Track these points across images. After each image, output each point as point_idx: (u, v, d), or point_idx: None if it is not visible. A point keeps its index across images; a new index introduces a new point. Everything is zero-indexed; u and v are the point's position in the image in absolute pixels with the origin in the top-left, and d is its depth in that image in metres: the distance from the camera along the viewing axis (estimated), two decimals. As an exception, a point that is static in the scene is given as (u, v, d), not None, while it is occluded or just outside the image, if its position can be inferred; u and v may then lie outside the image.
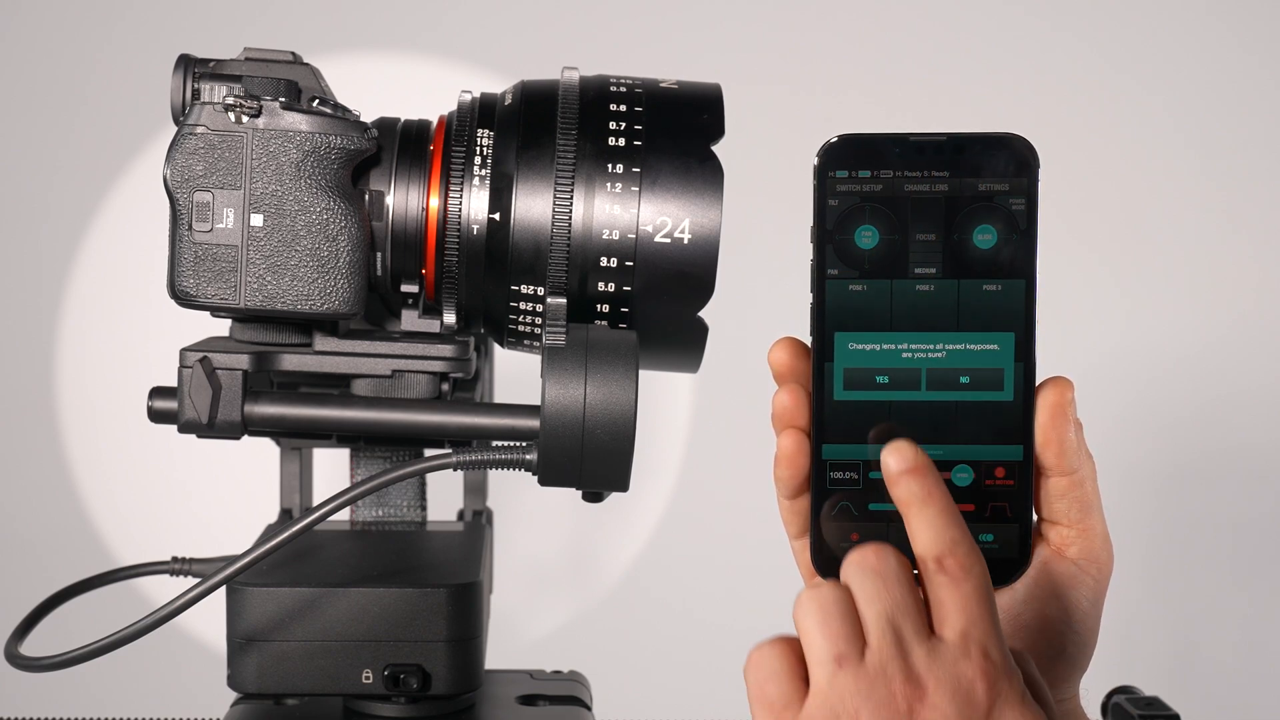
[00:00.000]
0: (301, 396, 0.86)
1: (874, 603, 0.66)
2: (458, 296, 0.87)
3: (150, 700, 1.53)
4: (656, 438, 1.75)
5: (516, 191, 0.86)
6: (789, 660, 0.68)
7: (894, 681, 0.66)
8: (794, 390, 0.73)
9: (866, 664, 0.66)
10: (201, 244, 0.83)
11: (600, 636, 1.74)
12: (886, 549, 0.67)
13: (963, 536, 0.67)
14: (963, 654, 0.66)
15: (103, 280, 1.74)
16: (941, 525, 0.67)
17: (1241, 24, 1.77)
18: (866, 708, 0.65)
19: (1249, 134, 1.77)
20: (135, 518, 1.74)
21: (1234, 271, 1.78)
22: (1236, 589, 1.79)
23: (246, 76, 0.84)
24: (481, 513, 1.06)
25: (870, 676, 0.66)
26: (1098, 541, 0.75)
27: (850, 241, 0.73)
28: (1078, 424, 0.74)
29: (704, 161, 0.85)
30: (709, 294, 0.86)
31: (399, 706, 0.91)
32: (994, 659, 0.66)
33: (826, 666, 0.66)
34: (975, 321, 0.74)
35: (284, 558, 0.90)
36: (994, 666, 0.66)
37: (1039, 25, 1.78)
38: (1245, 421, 1.77)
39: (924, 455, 0.68)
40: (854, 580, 0.67)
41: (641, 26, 1.78)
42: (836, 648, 0.66)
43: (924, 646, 0.66)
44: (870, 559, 0.67)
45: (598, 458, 0.81)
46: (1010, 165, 0.73)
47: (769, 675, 0.67)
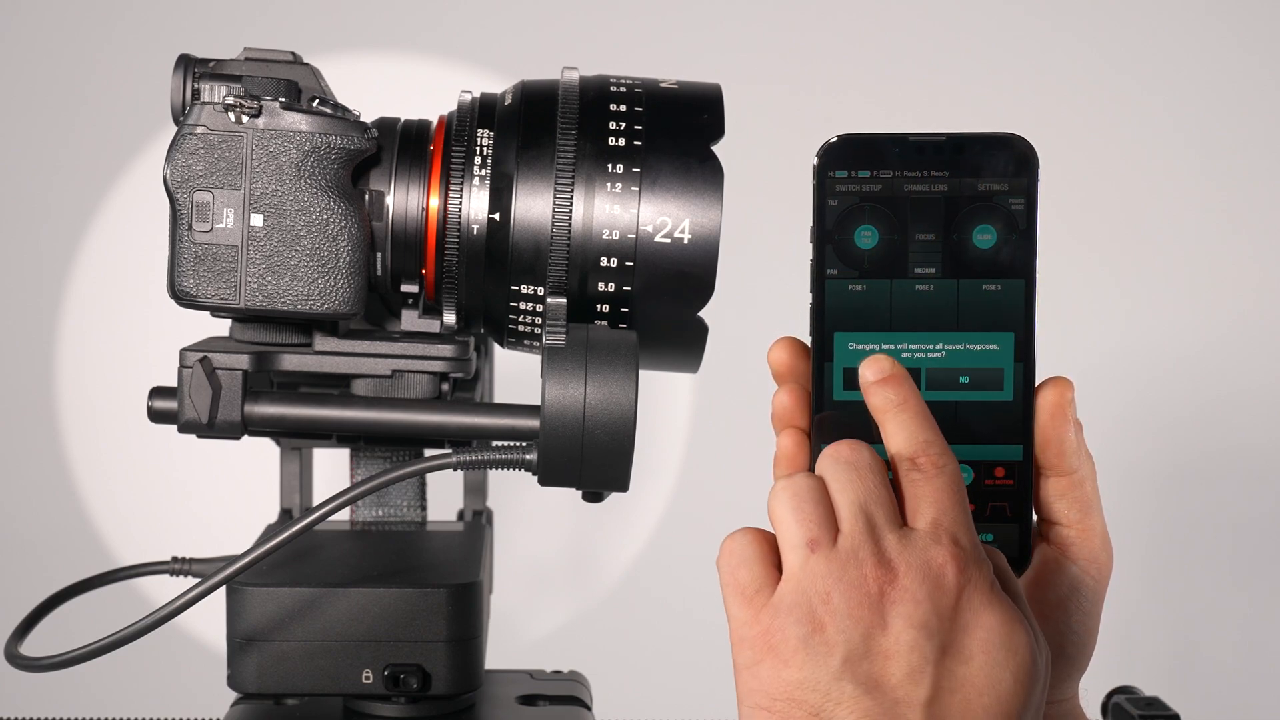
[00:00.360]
0: (301, 396, 0.86)
1: (847, 490, 0.68)
2: (458, 296, 0.87)
3: (150, 700, 1.53)
4: (656, 438, 1.75)
5: (516, 191, 0.86)
6: (762, 547, 0.69)
7: (865, 565, 0.67)
8: (794, 390, 0.74)
9: (839, 548, 0.67)
10: (201, 244, 0.83)
11: (600, 636, 1.74)
12: (861, 444, 0.69)
13: (935, 438, 0.69)
14: (933, 540, 0.67)
15: (103, 280, 1.74)
16: (915, 428, 0.69)
17: (1241, 24, 1.77)
18: (838, 590, 0.66)
19: (1249, 134, 1.77)
20: (135, 518, 1.74)
21: (1234, 271, 1.78)
22: (1236, 589, 1.79)
23: (246, 76, 0.83)
24: (481, 513, 1.06)
25: (842, 560, 0.67)
26: (1097, 541, 0.75)
27: (850, 241, 0.73)
28: (1078, 424, 0.74)
29: (704, 161, 0.85)
30: (709, 294, 0.86)
31: (399, 706, 0.91)
32: (964, 546, 0.67)
33: (799, 551, 0.67)
34: (975, 321, 0.74)
35: (284, 558, 0.90)
36: (964, 553, 0.67)
37: (1039, 25, 1.78)
38: (1245, 421, 1.77)
39: (899, 366, 0.71)
40: (828, 470, 0.69)
41: (641, 26, 1.78)
42: (809, 532, 0.67)
43: (896, 533, 0.68)
44: (845, 451, 0.69)
45: (598, 458, 0.81)
46: (1010, 165, 0.73)
47: (741, 561, 0.69)
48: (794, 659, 0.66)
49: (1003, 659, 0.66)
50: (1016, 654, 0.67)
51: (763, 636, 0.67)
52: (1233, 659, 1.79)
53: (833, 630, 0.66)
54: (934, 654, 0.66)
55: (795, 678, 0.66)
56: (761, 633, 0.67)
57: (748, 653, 0.68)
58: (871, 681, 0.66)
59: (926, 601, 0.66)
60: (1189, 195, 1.78)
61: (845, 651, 0.66)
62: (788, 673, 0.66)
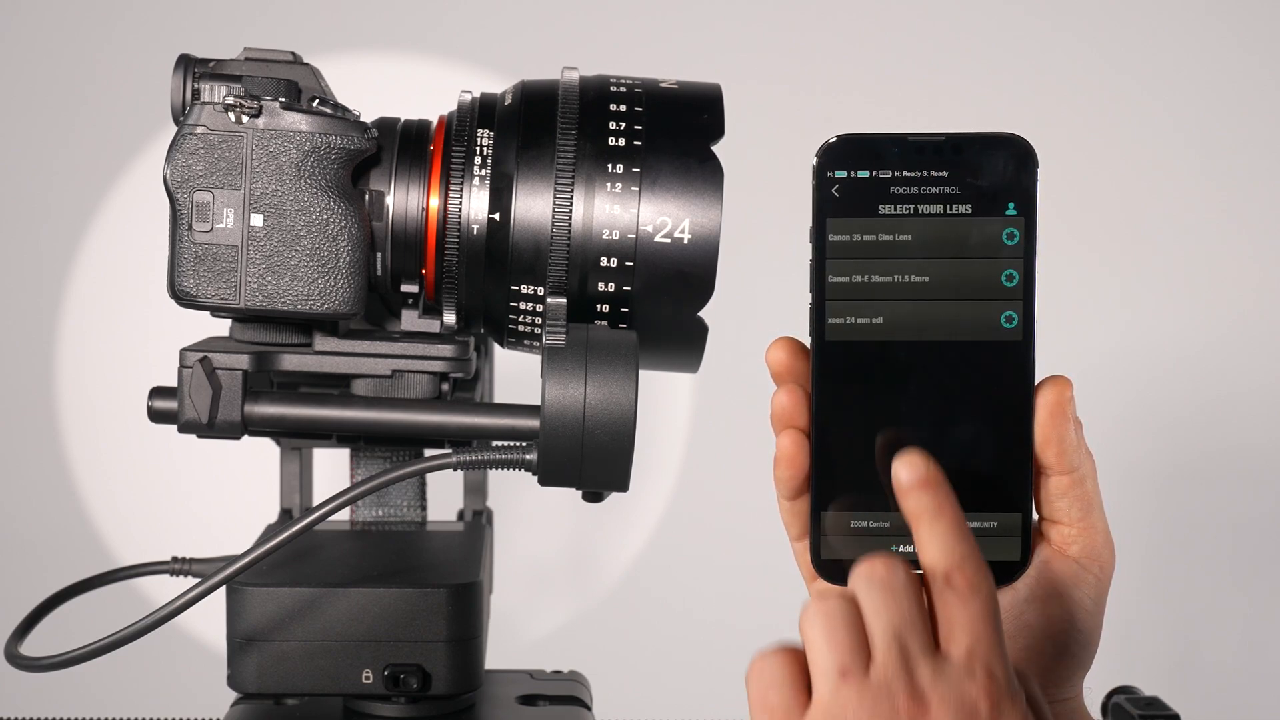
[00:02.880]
0: (301, 396, 0.86)
1: (881, 616, 0.66)
2: (458, 296, 0.87)
3: (150, 700, 1.53)
4: (656, 438, 1.75)
5: (516, 191, 0.86)
6: (792, 669, 0.67)
7: (898, 697, 0.65)
8: (793, 390, 0.73)
9: (871, 678, 0.65)
10: (201, 244, 0.83)
11: (600, 636, 1.74)
12: (896, 561, 0.67)
13: (971, 552, 0.67)
14: (968, 673, 0.65)
15: (103, 280, 1.74)
16: (952, 541, 0.67)
17: (1241, 24, 1.77)
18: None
19: (1249, 134, 1.77)
20: (135, 518, 1.74)
21: (1234, 271, 1.78)
22: (1236, 589, 1.79)
23: (246, 76, 0.84)
24: (481, 513, 1.06)
25: (874, 690, 0.65)
26: (1099, 540, 0.75)
27: (850, 242, 0.73)
28: (1077, 423, 0.74)
29: (704, 161, 0.85)
30: (709, 294, 0.86)
31: (399, 706, 0.91)
32: (998, 679, 0.66)
33: (830, 678, 0.66)
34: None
35: (284, 558, 0.90)
36: (998, 687, 0.66)
37: (1039, 25, 1.78)
38: (1245, 421, 1.77)
39: (936, 467, 0.68)
40: (862, 592, 0.67)
41: (641, 26, 1.78)
42: (841, 659, 0.65)
43: (929, 663, 0.66)
44: (880, 571, 0.66)
45: (598, 458, 0.81)
46: (1010, 165, 0.73)
47: (771, 683, 0.67)
48: None
49: None
50: None
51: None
52: (1233, 659, 1.79)
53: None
54: None
55: None
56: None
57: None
58: None
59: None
60: (1189, 195, 1.78)
61: None
62: None
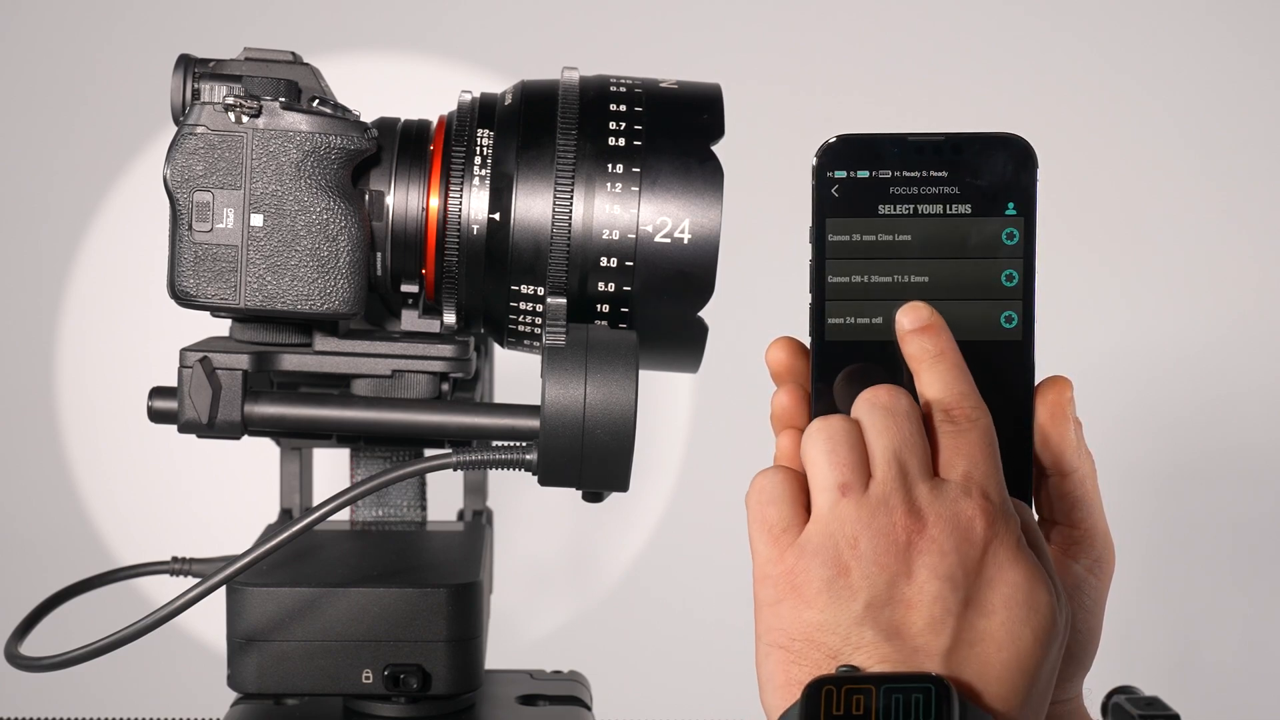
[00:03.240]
0: (301, 396, 0.86)
1: (883, 437, 0.68)
2: (458, 296, 0.87)
3: (150, 700, 1.53)
4: (656, 438, 1.75)
5: (516, 191, 0.86)
6: (791, 486, 0.69)
7: (895, 512, 0.67)
8: (793, 390, 0.74)
9: (870, 494, 0.67)
10: (201, 244, 0.83)
11: (600, 636, 1.74)
12: (899, 390, 0.69)
13: (970, 390, 0.70)
14: (964, 493, 0.68)
15: (103, 280, 1.74)
16: (951, 378, 0.70)
17: (1241, 24, 1.77)
18: (866, 535, 0.67)
19: (1249, 134, 1.77)
20: (135, 518, 1.74)
21: (1234, 271, 1.78)
22: (1236, 589, 1.79)
23: (246, 76, 0.83)
24: (481, 513, 1.06)
25: (872, 506, 0.67)
26: (1099, 539, 0.75)
27: (850, 242, 0.73)
28: (1077, 423, 0.74)
29: (704, 161, 0.85)
30: (709, 294, 0.86)
31: (399, 706, 0.91)
32: (994, 501, 0.68)
33: (830, 493, 0.68)
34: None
35: (284, 558, 0.90)
36: (993, 507, 0.68)
37: (1039, 25, 1.78)
38: (1245, 421, 1.77)
39: (937, 315, 0.71)
40: (864, 415, 0.69)
41: (641, 26, 1.78)
42: (842, 476, 0.68)
43: (927, 483, 0.68)
44: (883, 396, 0.69)
45: (598, 458, 0.81)
46: (1009, 165, 0.73)
47: (770, 499, 0.69)
48: (816, 601, 0.67)
49: (1024, 615, 0.67)
50: (1038, 611, 0.67)
51: (786, 575, 0.67)
52: (1233, 659, 1.79)
53: (857, 575, 0.66)
54: (956, 606, 0.66)
55: (816, 619, 0.67)
56: (785, 572, 0.67)
57: (770, 590, 0.68)
58: (892, 628, 0.66)
59: (953, 554, 0.66)
60: (1189, 195, 1.78)
61: (868, 597, 0.66)
62: (809, 614, 0.67)
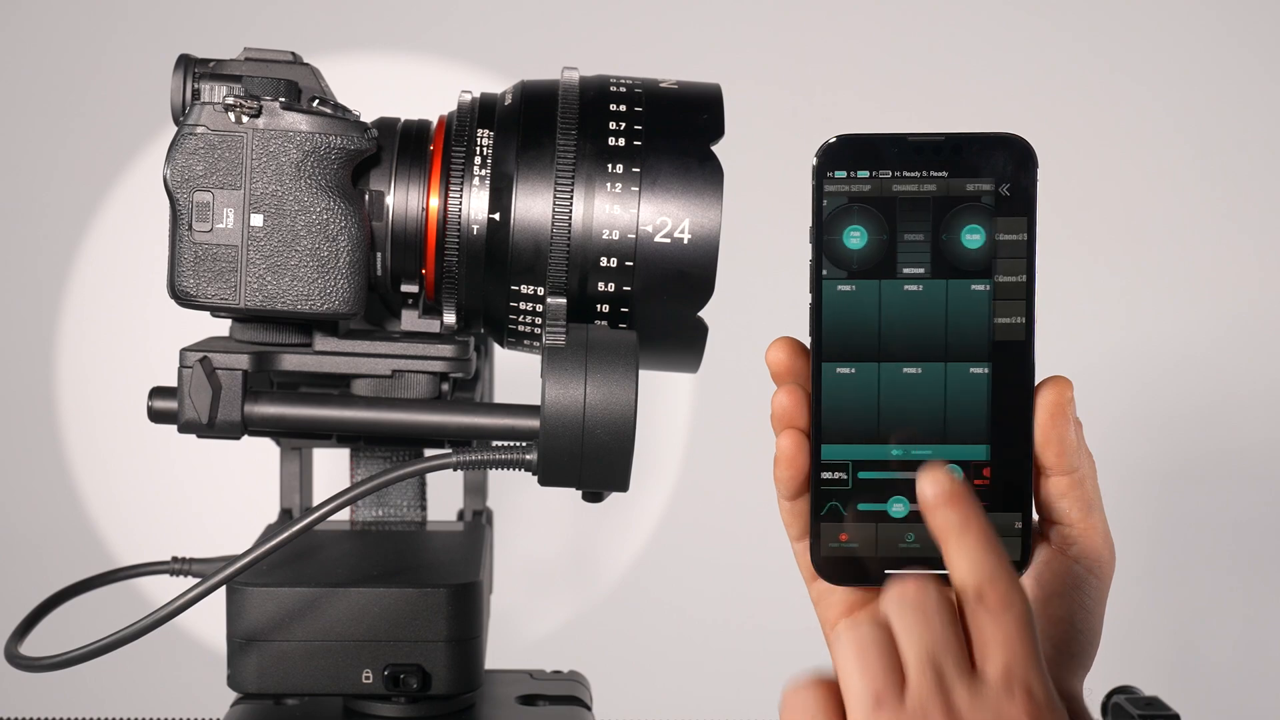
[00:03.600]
0: (301, 396, 0.86)
1: (914, 638, 0.65)
2: (458, 296, 0.87)
3: (150, 700, 1.53)
4: (656, 438, 1.75)
5: (516, 191, 0.86)
6: (826, 700, 0.66)
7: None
8: (793, 390, 0.73)
9: (906, 704, 0.64)
10: (201, 244, 0.83)
11: (600, 636, 1.74)
12: (927, 581, 0.66)
13: (1002, 566, 0.66)
14: (1006, 693, 0.64)
15: (103, 280, 1.73)
16: (980, 556, 0.66)
17: (1241, 24, 1.77)
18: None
19: (1249, 134, 1.77)
20: (135, 518, 1.74)
21: (1234, 271, 1.78)
22: (1236, 589, 1.79)
23: (246, 76, 0.84)
24: (481, 513, 1.06)
25: (910, 718, 0.64)
26: (1099, 540, 0.75)
27: (850, 241, 0.73)
28: (1077, 423, 0.74)
29: (704, 161, 0.85)
30: (709, 294, 0.86)
31: (399, 706, 0.91)
32: (1037, 698, 0.65)
33: (865, 707, 0.64)
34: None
35: (284, 558, 0.90)
36: (1037, 706, 0.64)
37: (1039, 25, 1.78)
38: (1245, 421, 1.77)
39: (961, 482, 0.67)
40: (894, 614, 0.66)
41: (641, 26, 1.78)
42: (875, 686, 0.64)
43: (966, 685, 0.64)
44: (911, 593, 0.65)
45: (598, 458, 0.81)
46: (1009, 165, 0.73)
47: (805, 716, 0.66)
48: None
49: None
50: None
51: None
52: (1233, 659, 1.79)
53: None
54: None
55: None
56: None
57: None
58: None
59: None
60: (1189, 195, 1.78)
61: None
62: None
